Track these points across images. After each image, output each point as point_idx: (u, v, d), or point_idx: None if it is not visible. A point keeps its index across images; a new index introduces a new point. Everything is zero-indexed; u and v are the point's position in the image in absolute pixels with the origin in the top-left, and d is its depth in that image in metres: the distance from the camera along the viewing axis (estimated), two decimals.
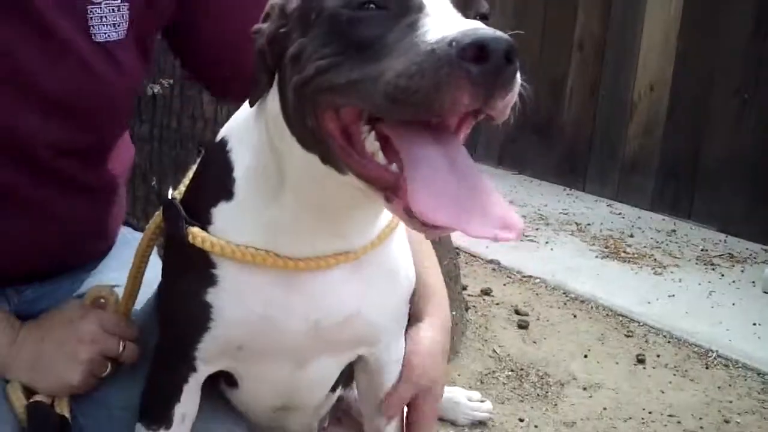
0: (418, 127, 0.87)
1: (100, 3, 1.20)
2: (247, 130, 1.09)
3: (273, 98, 1.01)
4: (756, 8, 4.25)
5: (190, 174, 1.22)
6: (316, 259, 1.08)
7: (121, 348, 1.31)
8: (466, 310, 3.00)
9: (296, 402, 1.33)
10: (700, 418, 2.38)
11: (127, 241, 1.56)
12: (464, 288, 3.28)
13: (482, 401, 2.28)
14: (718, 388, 2.59)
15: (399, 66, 0.80)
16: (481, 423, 2.24)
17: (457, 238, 3.88)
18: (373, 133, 0.89)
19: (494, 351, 2.72)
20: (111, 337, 1.30)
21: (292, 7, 0.97)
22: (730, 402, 2.50)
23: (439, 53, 0.77)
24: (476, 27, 0.78)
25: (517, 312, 3.11)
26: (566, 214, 4.68)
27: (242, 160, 1.08)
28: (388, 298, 1.20)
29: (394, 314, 1.24)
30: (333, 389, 1.39)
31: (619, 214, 4.75)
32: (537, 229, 4.32)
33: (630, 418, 2.35)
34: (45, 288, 1.43)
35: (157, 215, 1.25)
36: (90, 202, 1.40)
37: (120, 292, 1.37)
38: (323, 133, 0.91)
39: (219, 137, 1.14)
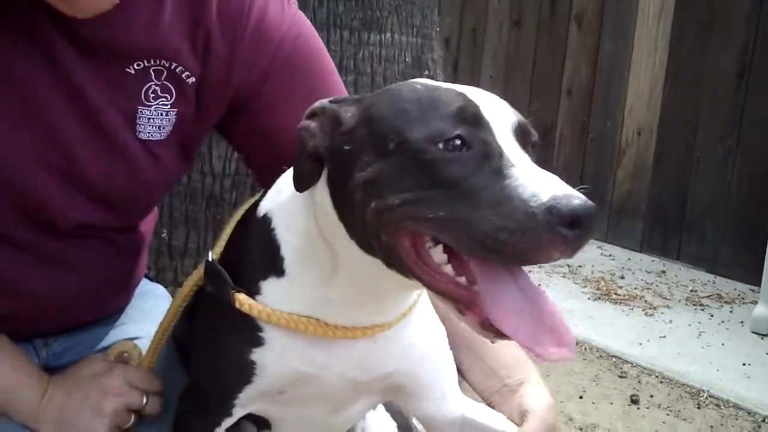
0: None
1: (150, 106, 1.30)
2: (293, 214, 1.13)
3: (322, 194, 1.06)
4: (737, 59, 4.40)
5: (225, 237, 1.25)
6: (353, 330, 1.13)
7: (144, 401, 1.37)
8: None
9: None
10: None
11: (144, 291, 1.64)
12: None
13: None
14: (711, 427, 2.67)
15: (497, 220, 0.87)
16: None
17: None
18: (440, 245, 0.95)
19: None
20: (135, 390, 1.36)
21: (353, 124, 1.01)
22: None
23: (540, 219, 0.85)
24: (567, 192, 0.87)
25: None
26: None
27: (290, 242, 1.13)
28: (425, 353, 1.23)
29: (433, 365, 1.25)
30: None
31: (610, 255, 4.85)
32: (530, 272, 4.36)
33: None
34: (71, 340, 1.50)
35: (196, 274, 1.28)
36: (115, 260, 1.48)
37: (141, 344, 1.44)
38: (398, 248, 0.97)
39: (261, 213, 1.18)
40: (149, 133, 1.31)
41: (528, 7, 5.65)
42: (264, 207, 1.19)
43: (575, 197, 0.86)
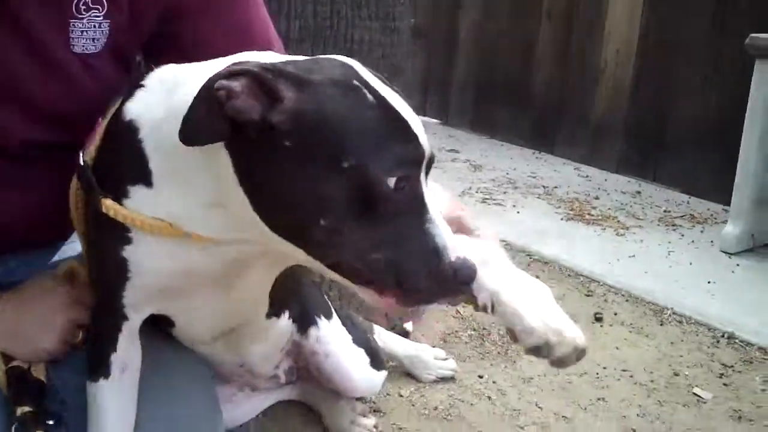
0: None
1: (82, 18, 1.29)
2: (167, 138, 1.09)
3: (224, 161, 1.04)
4: None
5: (98, 138, 1.24)
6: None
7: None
8: None
9: (240, 322, 1.45)
10: (652, 372, 2.50)
11: None
12: None
13: (446, 359, 2.38)
14: (671, 343, 2.72)
15: (418, 267, 1.00)
16: (444, 379, 2.34)
17: None
18: None
19: (457, 311, 2.82)
20: (81, 306, 1.39)
21: (291, 112, 0.98)
22: (681, 356, 2.62)
23: (448, 275, 1.00)
24: (465, 256, 1.02)
25: None
26: (534, 177, 4.79)
27: (161, 164, 1.13)
28: None
29: None
30: (270, 315, 1.52)
31: (587, 177, 4.86)
32: (505, 193, 4.42)
33: (585, 373, 2.46)
34: (28, 258, 1.52)
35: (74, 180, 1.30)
36: (66, 181, 1.48)
37: None
38: (337, 266, 1.06)
39: (127, 117, 1.17)
40: (83, 46, 1.31)
41: None
42: (130, 111, 1.18)
43: (469, 266, 1.02)
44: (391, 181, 0.97)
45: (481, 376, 2.38)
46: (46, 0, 1.25)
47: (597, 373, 2.47)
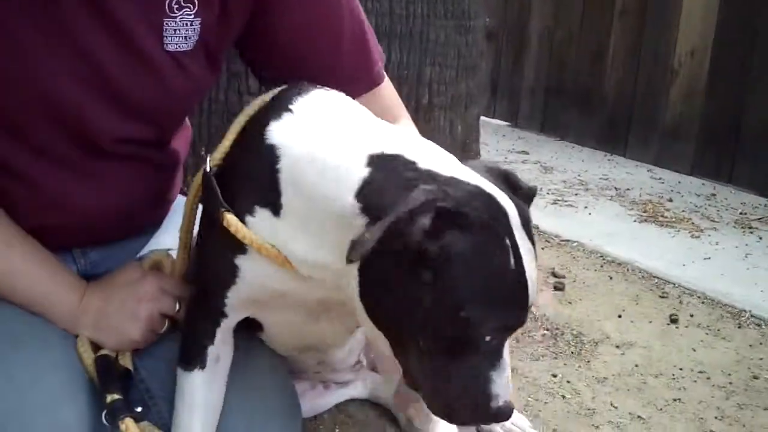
0: None
1: (175, 17, 1.33)
2: (305, 180, 1.15)
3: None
4: None
5: (227, 145, 1.29)
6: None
7: (177, 307, 1.44)
8: None
9: (318, 344, 1.50)
10: (729, 374, 2.46)
11: (180, 205, 1.69)
12: None
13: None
14: (750, 346, 2.67)
15: (467, 402, 1.11)
16: (518, 379, 2.34)
17: None
18: None
19: (530, 312, 2.81)
20: (167, 296, 1.44)
21: (438, 253, 1.01)
22: (761, 359, 2.57)
23: (489, 415, 1.12)
24: (508, 402, 1.12)
25: (554, 274, 3.20)
26: (606, 179, 4.74)
27: (293, 199, 1.17)
28: None
29: None
30: None
31: (659, 179, 4.80)
32: (576, 195, 4.39)
33: (660, 374, 2.43)
34: (109, 250, 1.57)
35: (197, 181, 1.33)
36: (151, 177, 1.53)
37: (175, 255, 1.50)
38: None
39: (271, 141, 1.19)
40: (176, 44, 1.35)
41: None
42: (276, 135, 1.21)
43: (506, 405, 1.11)
44: (488, 338, 1.06)
45: (554, 375, 2.37)
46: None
47: (673, 375, 2.44)
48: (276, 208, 1.18)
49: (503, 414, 1.12)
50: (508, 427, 2.00)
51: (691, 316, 2.88)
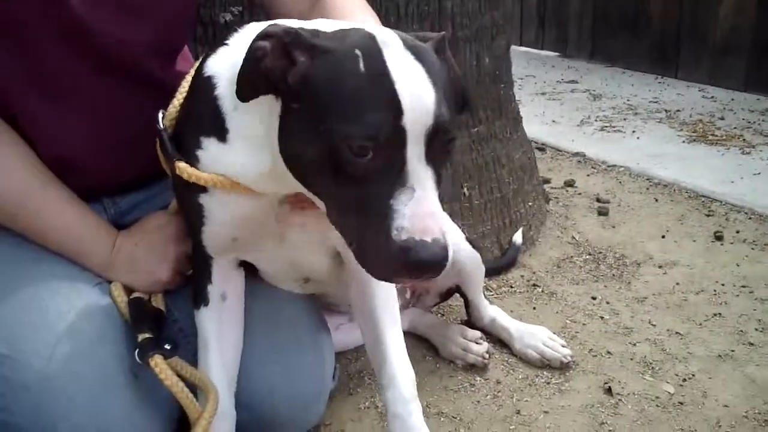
0: None
1: None
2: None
3: (272, 114, 1.15)
4: None
5: (179, 97, 1.36)
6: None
7: None
8: (547, 201, 3.11)
9: (308, 274, 1.55)
10: None
11: None
12: (547, 181, 3.39)
13: (563, 346, 2.11)
14: None
15: (369, 239, 1.04)
16: (556, 301, 2.37)
17: (543, 134, 3.97)
18: None
19: (573, 237, 2.83)
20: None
21: (299, 77, 1.07)
22: None
23: (394, 254, 1.01)
24: (424, 240, 1.00)
25: (599, 200, 3.20)
26: (656, 102, 4.67)
27: (235, 119, 1.22)
28: None
29: None
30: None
31: (711, 97, 4.71)
32: (625, 120, 4.34)
33: (702, 291, 2.44)
34: (136, 198, 1.64)
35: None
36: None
37: None
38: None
39: (207, 73, 1.26)
40: None
41: None
42: (211, 67, 1.27)
43: (428, 250, 1.00)
44: (354, 148, 1.02)
45: (594, 298, 2.39)
46: None
47: (714, 291, 2.44)
48: (222, 134, 1.23)
49: (411, 251, 1.00)
50: (540, 348, 2.05)
51: (737, 232, 2.86)
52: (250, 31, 1.26)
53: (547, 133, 4.07)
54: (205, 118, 1.25)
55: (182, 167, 1.27)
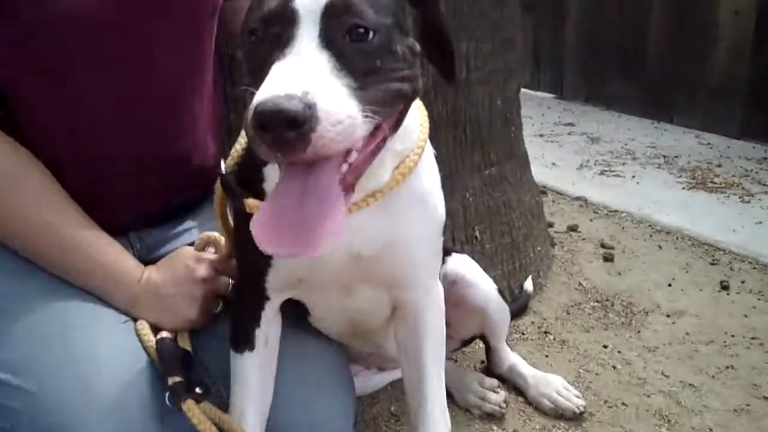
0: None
1: None
2: None
3: None
4: None
5: (238, 147, 1.38)
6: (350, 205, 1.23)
7: (230, 287, 1.49)
8: (552, 246, 3.11)
9: (359, 326, 1.53)
10: None
11: None
12: (551, 225, 3.38)
13: (577, 396, 2.08)
14: None
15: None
16: (568, 350, 2.36)
17: (543, 177, 3.97)
18: None
19: (580, 284, 2.83)
20: (221, 277, 1.49)
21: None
22: None
23: (251, 123, 0.92)
24: (264, 96, 0.91)
25: (603, 245, 3.20)
26: (654, 147, 4.70)
27: None
28: (419, 227, 1.34)
29: (427, 245, 1.39)
30: None
31: (708, 144, 4.74)
32: (624, 164, 4.36)
33: (712, 341, 2.43)
34: (163, 234, 1.62)
35: (218, 186, 1.42)
36: (195, 134, 1.59)
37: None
38: None
39: None
40: None
41: None
42: None
43: (262, 103, 0.90)
44: (251, 37, 1.04)
45: (605, 346, 2.38)
46: None
47: (725, 342, 2.43)
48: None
49: (256, 109, 0.91)
50: (554, 397, 2.03)
51: (743, 282, 2.86)
52: None
53: (547, 176, 4.08)
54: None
55: (252, 204, 1.25)
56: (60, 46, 1.35)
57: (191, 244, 1.57)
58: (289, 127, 0.89)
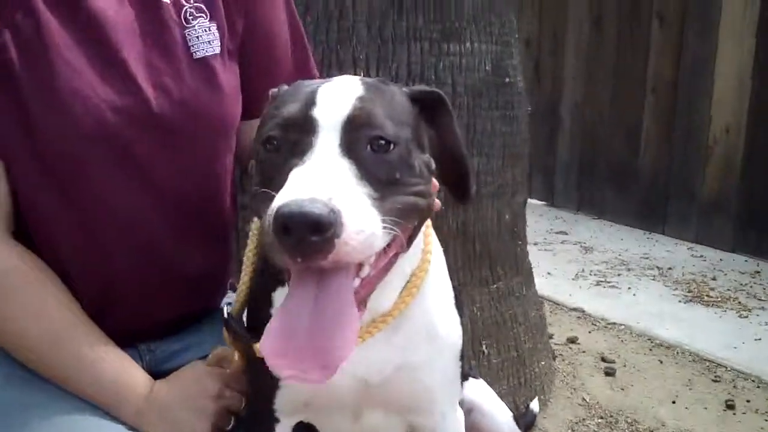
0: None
1: (194, 26, 1.42)
2: None
3: None
4: None
5: (243, 288, 1.37)
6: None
7: (243, 403, 1.44)
8: (554, 359, 3.06)
9: None
10: None
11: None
12: (551, 337, 3.34)
13: None
14: None
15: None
16: None
17: (540, 287, 3.95)
18: None
19: (583, 399, 2.78)
20: (234, 393, 1.44)
21: None
22: None
23: (270, 228, 0.89)
24: (284, 201, 0.88)
25: (604, 359, 3.17)
26: (647, 258, 4.71)
27: None
28: (430, 353, 1.29)
29: (442, 372, 1.33)
30: None
31: (701, 257, 4.75)
32: (619, 275, 4.35)
33: None
34: (173, 346, 1.58)
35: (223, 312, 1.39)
36: (206, 248, 1.55)
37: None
38: None
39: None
40: (204, 50, 1.43)
41: (608, 4, 5.56)
42: None
43: (285, 205, 0.87)
44: (266, 146, 1.04)
45: None
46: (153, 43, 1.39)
47: None
48: (282, 279, 1.19)
49: (278, 212, 0.87)
50: None
51: (748, 401, 2.82)
52: None
53: (544, 286, 4.05)
54: (271, 274, 1.24)
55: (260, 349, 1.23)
56: (77, 164, 1.34)
57: (203, 357, 1.52)
58: (313, 231, 0.86)
